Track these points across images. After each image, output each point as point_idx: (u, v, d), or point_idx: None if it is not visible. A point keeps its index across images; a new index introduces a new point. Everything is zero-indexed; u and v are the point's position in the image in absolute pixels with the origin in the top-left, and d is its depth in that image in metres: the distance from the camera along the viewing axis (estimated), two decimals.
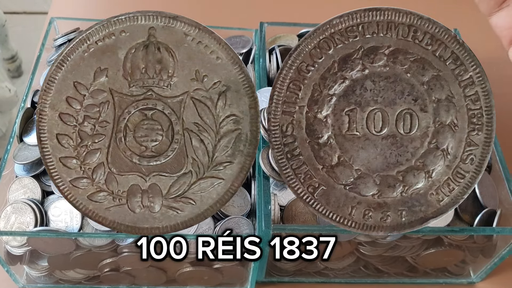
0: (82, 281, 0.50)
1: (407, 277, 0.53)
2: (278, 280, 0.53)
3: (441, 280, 0.53)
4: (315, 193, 0.36)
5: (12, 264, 0.47)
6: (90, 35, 0.35)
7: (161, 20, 0.35)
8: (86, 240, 0.43)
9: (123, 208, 0.36)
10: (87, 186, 0.36)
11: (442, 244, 0.48)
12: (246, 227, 0.46)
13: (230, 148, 0.36)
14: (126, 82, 0.35)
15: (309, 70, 0.35)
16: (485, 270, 0.51)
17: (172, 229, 0.36)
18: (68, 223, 0.45)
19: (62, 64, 0.35)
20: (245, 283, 0.51)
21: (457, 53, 0.34)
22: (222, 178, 0.36)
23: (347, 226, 0.36)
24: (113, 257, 0.46)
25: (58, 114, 0.35)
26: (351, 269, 0.52)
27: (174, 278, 0.50)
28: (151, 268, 0.48)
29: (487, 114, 0.35)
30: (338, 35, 0.35)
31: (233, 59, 0.36)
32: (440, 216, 0.35)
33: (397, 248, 0.48)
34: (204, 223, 0.45)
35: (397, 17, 0.35)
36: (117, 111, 0.35)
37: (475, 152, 0.35)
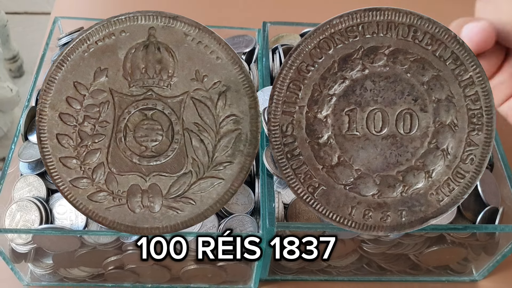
0: (87, 279, 0.50)
1: (410, 275, 0.53)
2: (282, 278, 0.53)
3: (444, 278, 0.53)
4: (315, 193, 0.36)
5: (17, 262, 0.47)
6: (90, 35, 0.35)
7: (161, 20, 0.35)
8: (91, 238, 0.44)
9: (123, 208, 0.36)
10: (87, 186, 0.36)
11: (445, 242, 0.48)
12: (250, 225, 0.46)
13: (230, 148, 0.36)
14: (126, 82, 0.35)
15: (309, 70, 0.35)
16: (487, 268, 0.51)
17: (172, 229, 0.36)
18: (73, 221, 0.45)
19: (62, 64, 0.35)
20: (248, 281, 0.51)
21: (457, 53, 0.34)
22: (222, 178, 0.36)
23: (347, 226, 0.36)
24: (118, 255, 0.46)
25: (58, 114, 0.35)
26: (354, 267, 0.52)
27: (178, 276, 0.50)
28: (155, 266, 0.48)
29: (487, 114, 0.35)
30: (338, 35, 0.35)
31: (233, 59, 0.36)
32: (440, 216, 0.35)
33: (400, 245, 0.48)
34: (208, 221, 0.45)
35: (397, 17, 0.34)
36: (117, 111, 0.36)
37: (475, 152, 0.35)
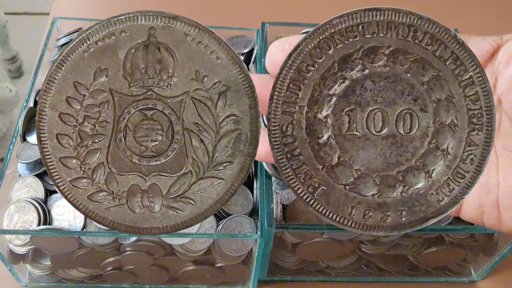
0: (85, 280, 0.50)
1: (409, 275, 0.53)
2: (280, 279, 0.53)
3: (442, 279, 0.53)
4: (315, 193, 0.36)
5: (15, 263, 0.47)
6: (90, 35, 0.35)
7: (161, 20, 0.35)
8: (89, 239, 0.44)
9: (123, 208, 0.36)
10: (87, 186, 0.36)
11: (444, 243, 0.48)
12: (249, 226, 0.46)
13: (230, 148, 0.36)
14: (126, 82, 0.35)
15: (309, 70, 0.35)
16: (486, 268, 0.51)
17: (172, 229, 0.36)
18: (71, 222, 0.45)
19: (62, 64, 0.35)
20: (247, 282, 0.51)
21: (457, 53, 0.34)
22: (222, 178, 0.36)
23: (347, 226, 0.36)
24: (116, 256, 0.46)
25: (58, 114, 0.35)
26: (352, 268, 0.52)
27: (177, 277, 0.50)
28: (153, 267, 0.48)
29: (487, 114, 0.35)
30: (338, 35, 0.35)
31: (233, 59, 0.36)
32: (440, 216, 0.35)
33: (399, 246, 0.48)
34: (207, 222, 0.45)
35: (397, 17, 0.34)
36: (117, 111, 0.35)
37: (475, 152, 0.35)
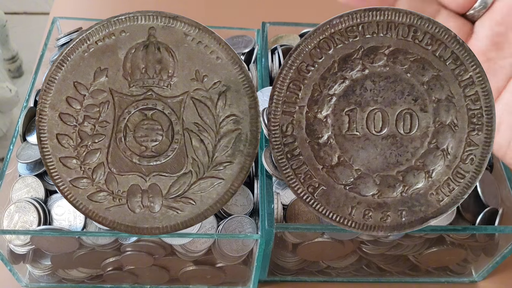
0: (85, 280, 0.50)
1: (409, 276, 0.53)
2: (281, 279, 0.53)
3: (443, 279, 0.53)
4: (315, 193, 0.36)
5: (15, 263, 0.47)
6: (90, 35, 0.35)
7: (161, 20, 0.35)
8: (90, 239, 0.44)
9: (123, 208, 0.36)
10: (87, 186, 0.36)
11: (444, 243, 0.48)
12: (249, 226, 0.46)
13: (230, 148, 0.36)
14: (126, 82, 0.35)
15: (309, 70, 0.35)
16: (487, 269, 0.51)
17: (172, 229, 0.36)
18: (72, 222, 0.45)
19: (62, 64, 0.35)
20: (247, 282, 0.51)
21: (457, 53, 0.34)
22: (222, 178, 0.36)
23: (347, 226, 0.36)
24: (116, 256, 0.46)
25: (58, 114, 0.35)
26: (353, 268, 0.52)
27: (177, 277, 0.50)
28: (154, 267, 0.48)
29: (487, 114, 0.35)
30: (338, 35, 0.35)
31: (233, 59, 0.36)
32: (440, 216, 0.35)
33: (400, 246, 0.48)
34: (207, 222, 0.45)
35: (397, 17, 0.34)
36: (117, 111, 0.35)
37: (475, 152, 0.35)
